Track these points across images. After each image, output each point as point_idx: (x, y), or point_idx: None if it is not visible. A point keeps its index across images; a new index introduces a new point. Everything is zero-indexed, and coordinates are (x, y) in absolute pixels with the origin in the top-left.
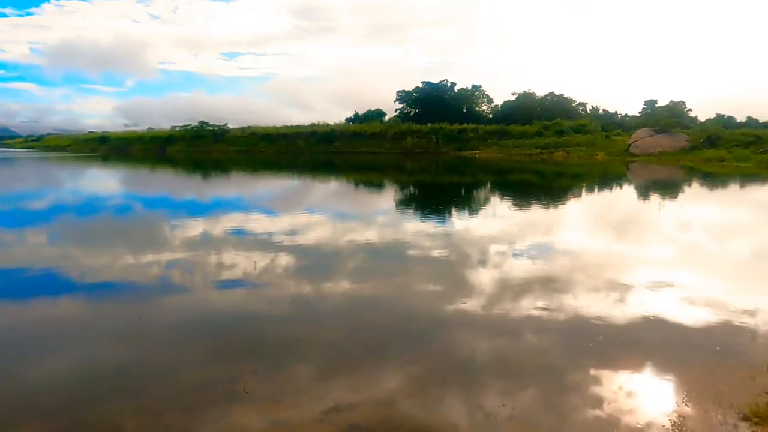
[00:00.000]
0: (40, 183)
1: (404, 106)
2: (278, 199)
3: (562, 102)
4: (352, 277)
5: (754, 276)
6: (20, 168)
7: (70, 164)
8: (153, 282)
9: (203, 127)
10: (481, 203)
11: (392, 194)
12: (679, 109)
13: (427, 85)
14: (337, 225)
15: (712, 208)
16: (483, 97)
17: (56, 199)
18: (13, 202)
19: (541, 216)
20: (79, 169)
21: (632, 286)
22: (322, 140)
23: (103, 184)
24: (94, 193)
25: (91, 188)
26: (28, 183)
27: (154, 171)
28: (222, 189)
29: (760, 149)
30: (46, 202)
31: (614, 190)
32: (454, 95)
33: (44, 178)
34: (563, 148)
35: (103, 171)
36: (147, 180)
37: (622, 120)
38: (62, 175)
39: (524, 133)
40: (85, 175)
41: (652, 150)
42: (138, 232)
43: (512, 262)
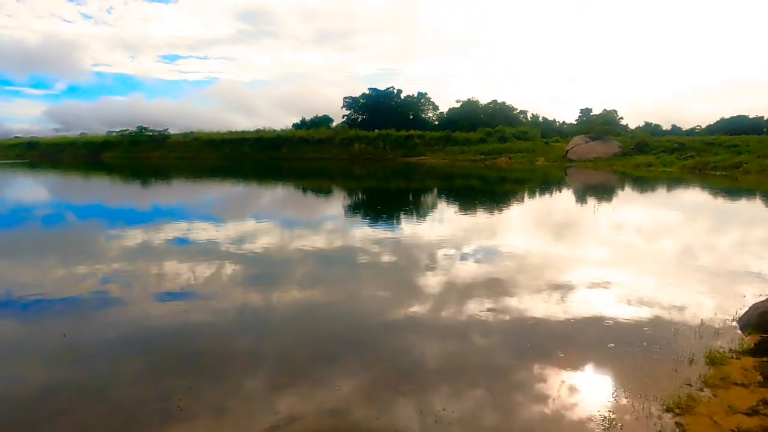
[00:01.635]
0: None
1: (351, 112)
2: (223, 206)
3: (504, 110)
4: (299, 285)
5: (679, 273)
6: None
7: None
8: (84, 296)
9: (142, 132)
10: (428, 208)
11: (340, 200)
12: (612, 117)
13: (373, 92)
14: (284, 232)
15: (642, 210)
16: (429, 105)
17: None
18: None
19: (486, 220)
20: (2, 177)
21: (570, 286)
22: (269, 146)
23: (29, 193)
24: (19, 201)
25: (15, 197)
26: None
27: (88, 178)
28: (162, 196)
29: (684, 155)
30: None
31: (554, 195)
32: (401, 102)
33: None
34: (506, 154)
35: (30, 178)
36: (79, 187)
37: (560, 127)
38: None
39: (469, 139)
40: (9, 182)
41: (588, 156)
42: (69, 244)
43: (458, 265)
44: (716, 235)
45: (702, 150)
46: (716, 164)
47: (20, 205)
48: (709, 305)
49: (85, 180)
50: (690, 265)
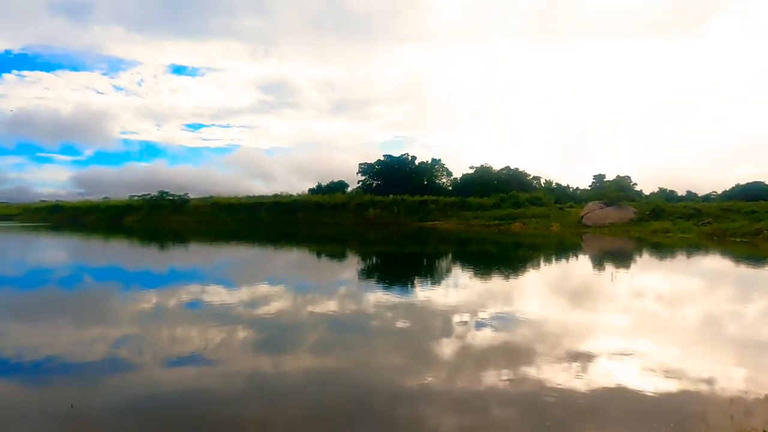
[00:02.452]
0: None
1: (366, 177)
2: (237, 270)
3: (518, 176)
4: (311, 352)
5: (705, 343)
6: None
7: (15, 234)
8: (94, 361)
9: (163, 196)
10: (443, 273)
11: (354, 264)
12: (625, 183)
13: (388, 159)
14: (297, 296)
15: (662, 277)
16: (443, 171)
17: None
18: None
19: (502, 286)
20: (25, 239)
21: (590, 356)
22: (285, 211)
23: (49, 254)
24: (38, 263)
25: (35, 258)
26: None
27: (107, 241)
28: (178, 260)
29: (701, 221)
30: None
31: (570, 260)
32: (415, 168)
33: None
34: (520, 220)
35: (52, 241)
36: (98, 250)
37: (574, 193)
38: (5, 245)
39: (482, 204)
40: (30, 244)
41: (603, 222)
42: (84, 306)
43: (474, 332)
44: (741, 303)
45: (719, 216)
46: (735, 231)
47: (37, 266)
48: (739, 379)
49: (103, 243)
50: (716, 335)
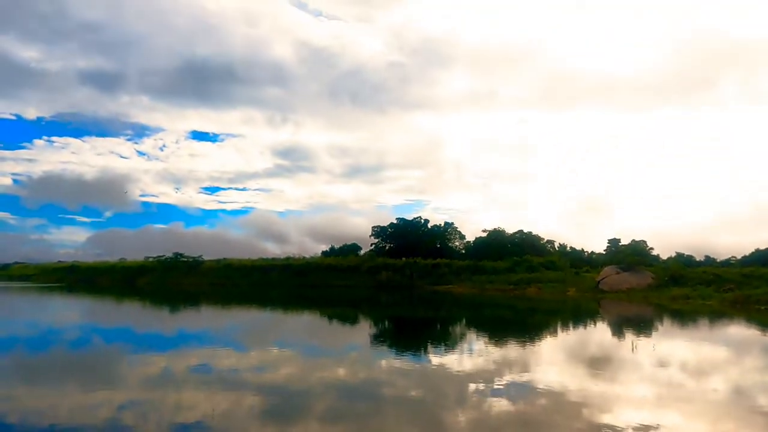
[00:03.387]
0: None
1: (379, 240)
2: (247, 333)
3: (531, 239)
4: (320, 421)
5: (734, 416)
6: None
7: (29, 295)
8: (98, 425)
9: (177, 258)
10: (457, 339)
11: (366, 329)
12: (641, 248)
13: (401, 222)
14: (307, 361)
15: (685, 345)
16: (455, 234)
17: (5, 333)
18: None
19: (518, 353)
20: (37, 300)
21: (614, 428)
22: (297, 273)
23: (59, 316)
24: (48, 325)
25: (46, 320)
26: None
27: (118, 303)
28: (188, 322)
29: (722, 288)
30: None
31: (588, 327)
32: (428, 231)
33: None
34: (535, 284)
35: (63, 302)
36: (108, 312)
37: (589, 257)
38: (17, 306)
39: (496, 268)
40: (42, 305)
41: (621, 287)
42: (91, 369)
43: (491, 402)
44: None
45: (741, 282)
46: (759, 297)
47: (47, 327)
48: None
49: (114, 304)
50: (744, 407)
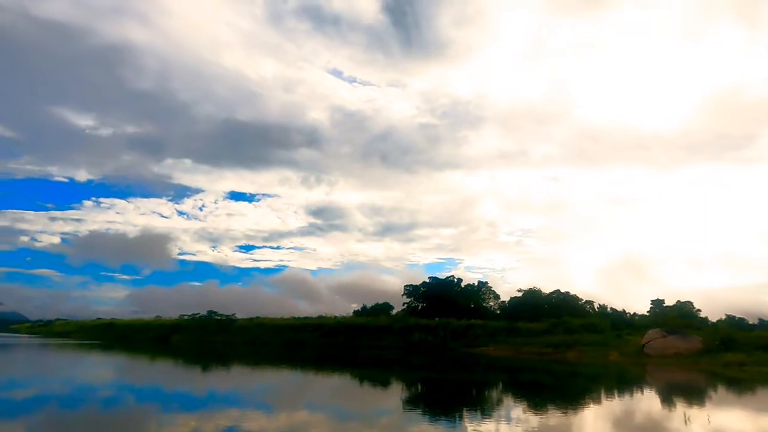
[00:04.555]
0: (28, 371)
1: (412, 300)
2: (277, 394)
3: (569, 299)
4: None
5: None
6: (11, 354)
7: (67, 352)
8: None
9: (211, 316)
10: (494, 404)
11: (398, 392)
12: (688, 309)
13: (433, 281)
14: (337, 425)
15: (743, 417)
16: (489, 294)
17: (40, 390)
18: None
19: (560, 421)
20: (75, 357)
21: None
22: (329, 333)
23: (94, 374)
24: (82, 382)
25: (80, 377)
26: (14, 371)
27: (152, 361)
28: (219, 382)
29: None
30: (29, 392)
31: (635, 395)
32: (461, 291)
33: (34, 366)
34: (575, 347)
35: (99, 359)
36: (141, 370)
37: (631, 319)
38: (54, 363)
39: (533, 330)
40: (79, 363)
41: (667, 352)
42: (123, 428)
43: None
44: None
45: None
46: None
47: (81, 386)
48: None
49: (148, 363)
50: None
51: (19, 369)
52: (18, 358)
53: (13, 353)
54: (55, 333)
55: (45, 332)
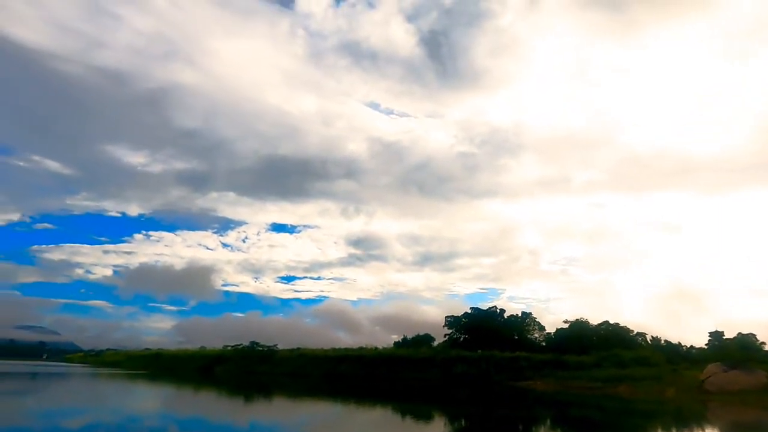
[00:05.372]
0: (80, 401)
1: (453, 331)
2: (319, 427)
3: (619, 331)
4: None
5: None
6: (66, 384)
7: (116, 381)
8: None
9: (253, 347)
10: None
11: (441, 427)
12: (751, 342)
13: (475, 311)
14: None
15: None
16: (534, 325)
17: (91, 419)
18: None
19: None
20: (123, 387)
21: None
22: (369, 365)
23: (141, 404)
24: (129, 412)
25: (127, 407)
26: (67, 401)
27: (196, 391)
28: (260, 414)
29: None
30: (80, 421)
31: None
32: (504, 322)
33: (85, 395)
34: (627, 382)
35: (146, 389)
36: (186, 401)
37: (688, 352)
38: (103, 393)
39: (581, 363)
40: (127, 393)
41: (731, 387)
42: None
43: None
44: None
45: None
46: None
47: (128, 416)
48: None
49: (192, 393)
50: None
51: (71, 399)
52: (71, 387)
53: (67, 383)
54: (106, 363)
55: (96, 362)
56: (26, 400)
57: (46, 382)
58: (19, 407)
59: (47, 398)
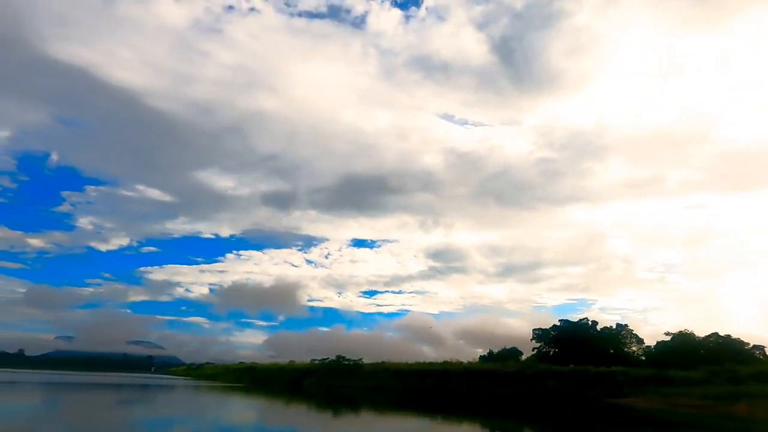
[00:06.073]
0: (186, 411)
1: (542, 345)
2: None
3: (732, 344)
4: None
5: None
6: (171, 395)
7: (215, 394)
8: None
9: (339, 361)
10: None
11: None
12: None
13: (565, 324)
14: None
15: None
16: (631, 337)
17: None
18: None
19: None
20: (221, 399)
21: None
22: (454, 379)
23: (241, 415)
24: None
25: (228, 418)
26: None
27: (287, 405)
28: (350, 427)
29: None
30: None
31: None
32: (597, 335)
33: (190, 406)
34: (744, 400)
35: (243, 402)
36: (278, 413)
37: None
38: (205, 404)
39: (688, 379)
40: (226, 405)
41: None
42: None
43: None
44: None
45: None
46: None
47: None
48: None
49: (284, 406)
50: None
51: (177, 409)
52: (180, 398)
53: (173, 395)
54: (206, 375)
55: (197, 375)
56: (145, 408)
57: (156, 393)
58: (140, 414)
59: (161, 407)
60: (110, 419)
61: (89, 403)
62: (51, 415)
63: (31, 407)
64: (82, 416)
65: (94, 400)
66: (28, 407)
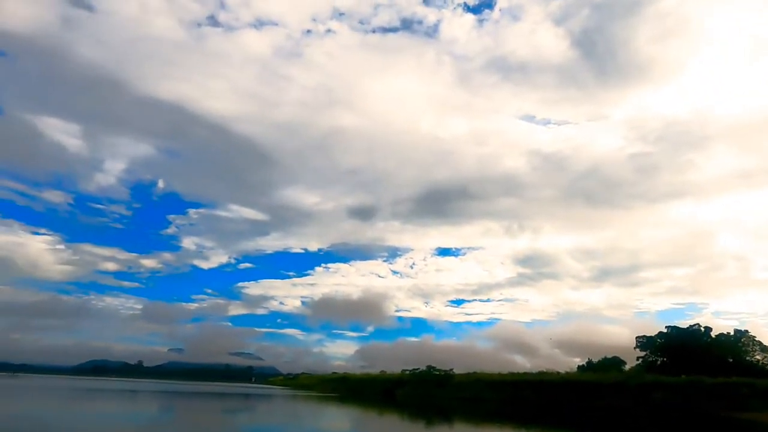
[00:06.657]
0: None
1: (647, 353)
2: None
3: None
4: None
5: None
6: (272, 404)
7: (312, 403)
8: None
9: (430, 371)
10: None
11: None
12: None
13: (673, 331)
14: None
15: None
16: (753, 345)
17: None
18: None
19: None
20: (320, 409)
21: None
22: (552, 390)
23: (338, 425)
24: None
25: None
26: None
27: (381, 414)
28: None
29: None
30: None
31: None
32: (712, 342)
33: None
34: None
35: (339, 411)
36: (373, 423)
37: None
38: (306, 414)
39: None
40: (324, 414)
41: None
42: None
43: None
44: None
45: None
46: None
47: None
48: None
49: (378, 416)
50: None
51: (280, 417)
52: (277, 407)
53: (273, 403)
54: (302, 385)
55: (293, 384)
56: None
57: (258, 401)
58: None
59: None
60: (224, 424)
61: (204, 410)
62: (174, 419)
63: (156, 413)
64: (201, 420)
65: (207, 407)
66: (154, 413)
